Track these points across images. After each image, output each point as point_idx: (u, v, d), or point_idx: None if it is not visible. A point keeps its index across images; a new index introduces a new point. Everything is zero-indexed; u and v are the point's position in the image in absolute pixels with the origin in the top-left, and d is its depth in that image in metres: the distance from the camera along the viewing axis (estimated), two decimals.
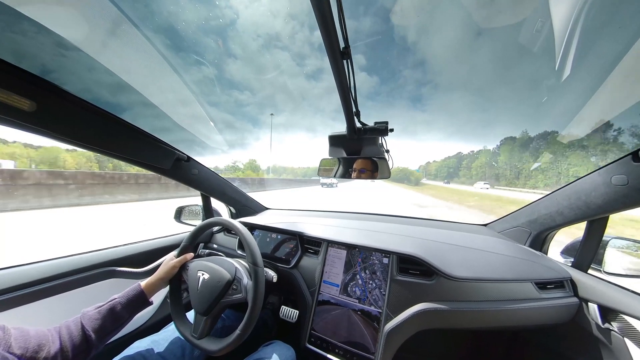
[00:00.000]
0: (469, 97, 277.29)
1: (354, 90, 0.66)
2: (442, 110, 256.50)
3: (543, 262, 0.97)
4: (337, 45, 0.51)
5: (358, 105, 0.70)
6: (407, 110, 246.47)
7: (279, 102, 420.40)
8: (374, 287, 0.96)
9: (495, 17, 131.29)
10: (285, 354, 0.91)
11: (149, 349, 0.81)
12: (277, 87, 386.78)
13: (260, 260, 0.83)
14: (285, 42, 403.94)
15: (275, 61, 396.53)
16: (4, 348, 0.49)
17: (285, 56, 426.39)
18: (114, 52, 1.16)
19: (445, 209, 13.10)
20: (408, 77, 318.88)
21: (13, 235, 4.69)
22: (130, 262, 1.11)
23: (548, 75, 66.67)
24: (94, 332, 0.65)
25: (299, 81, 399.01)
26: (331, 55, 0.53)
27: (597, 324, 0.82)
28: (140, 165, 1.01)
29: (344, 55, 0.53)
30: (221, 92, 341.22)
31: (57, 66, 1.08)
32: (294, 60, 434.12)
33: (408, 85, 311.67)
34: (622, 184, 0.71)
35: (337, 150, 0.93)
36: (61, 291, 0.90)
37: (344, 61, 0.55)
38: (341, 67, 0.57)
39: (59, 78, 0.67)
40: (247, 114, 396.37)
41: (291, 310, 1.04)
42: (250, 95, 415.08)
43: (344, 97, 0.66)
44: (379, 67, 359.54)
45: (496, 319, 0.88)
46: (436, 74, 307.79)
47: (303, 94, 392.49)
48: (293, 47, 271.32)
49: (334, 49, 0.51)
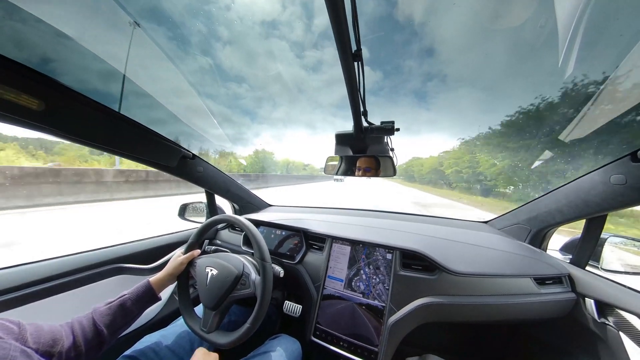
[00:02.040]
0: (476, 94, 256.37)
1: (363, 91, 0.67)
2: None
3: (542, 258, 0.99)
4: (349, 47, 0.52)
5: (366, 105, 0.71)
6: (411, 107, 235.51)
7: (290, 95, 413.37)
8: (378, 282, 0.99)
9: (508, 16, 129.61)
10: (292, 347, 0.93)
11: (159, 343, 0.83)
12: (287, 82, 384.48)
13: (268, 255, 0.85)
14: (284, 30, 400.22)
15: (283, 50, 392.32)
16: (21, 343, 0.51)
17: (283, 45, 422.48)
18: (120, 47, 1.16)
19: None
20: (413, 72, 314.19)
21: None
22: (138, 258, 1.13)
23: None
24: (105, 327, 0.66)
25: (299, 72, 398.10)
26: (343, 57, 0.54)
27: (593, 319, 0.85)
28: (146, 164, 1.02)
29: (355, 57, 0.54)
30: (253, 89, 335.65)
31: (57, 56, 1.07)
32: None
33: (413, 81, 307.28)
34: (621, 184, 0.72)
35: (344, 148, 0.95)
36: (71, 288, 0.91)
37: (354, 63, 0.56)
38: (352, 69, 0.58)
39: (58, 68, 0.67)
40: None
41: (295, 305, 1.06)
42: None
43: (353, 97, 0.67)
44: (383, 61, 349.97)
45: (496, 312, 0.91)
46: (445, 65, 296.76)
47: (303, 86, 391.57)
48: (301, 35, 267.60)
49: (346, 51, 0.52)
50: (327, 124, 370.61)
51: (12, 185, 5.87)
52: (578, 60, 1.70)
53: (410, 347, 1.31)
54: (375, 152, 0.90)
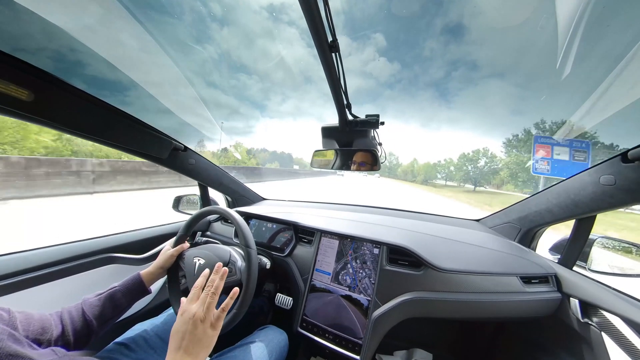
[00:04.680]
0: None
1: (344, 83, 0.67)
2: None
3: (530, 257, 0.99)
4: (325, 38, 0.51)
5: (349, 98, 0.71)
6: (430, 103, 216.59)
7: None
8: (364, 276, 0.99)
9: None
10: (278, 337, 0.95)
11: (149, 331, 0.86)
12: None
13: (252, 242, 0.86)
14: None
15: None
16: (10, 329, 0.52)
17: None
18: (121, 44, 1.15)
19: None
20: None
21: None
22: (129, 249, 1.14)
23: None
24: (94, 318, 0.68)
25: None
26: (320, 49, 0.53)
27: (577, 319, 0.85)
28: (136, 155, 1.02)
29: (332, 48, 0.53)
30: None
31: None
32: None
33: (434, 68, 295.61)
34: (610, 184, 0.71)
35: (330, 142, 0.95)
36: (62, 276, 0.93)
37: (332, 54, 0.55)
38: (330, 61, 0.57)
39: (48, 58, 0.66)
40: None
41: (286, 298, 1.08)
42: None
43: (335, 89, 0.66)
44: (400, 50, 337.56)
45: (481, 309, 0.91)
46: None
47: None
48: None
49: (322, 42, 0.51)
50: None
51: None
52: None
53: (398, 341, 1.33)
54: (362, 145, 0.90)
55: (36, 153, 9.36)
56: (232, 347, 0.87)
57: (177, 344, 0.54)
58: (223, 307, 0.63)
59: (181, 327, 0.56)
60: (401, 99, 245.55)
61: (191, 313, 0.58)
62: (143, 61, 12.67)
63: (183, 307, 0.60)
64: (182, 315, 0.58)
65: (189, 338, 0.54)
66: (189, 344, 0.54)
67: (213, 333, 0.59)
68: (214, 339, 0.59)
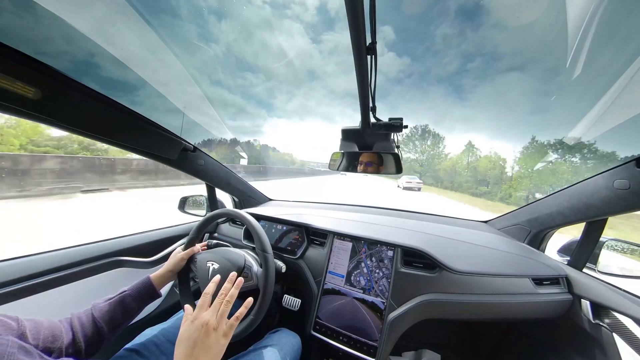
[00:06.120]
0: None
1: (374, 86, 0.66)
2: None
3: (540, 259, 1.01)
4: (364, 40, 0.50)
5: (375, 101, 0.70)
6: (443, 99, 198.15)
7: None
8: (378, 279, 0.99)
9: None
10: (292, 340, 0.94)
11: (160, 337, 0.84)
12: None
13: (269, 247, 0.85)
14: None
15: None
16: (20, 339, 0.49)
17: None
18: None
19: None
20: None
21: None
22: (138, 251, 1.12)
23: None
24: (105, 324, 0.66)
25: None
26: (356, 50, 0.52)
27: (588, 320, 0.87)
28: (146, 155, 0.99)
29: (369, 50, 0.52)
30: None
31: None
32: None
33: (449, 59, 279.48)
34: (624, 188, 0.73)
35: (349, 144, 0.94)
36: (70, 281, 0.90)
37: (368, 56, 0.54)
38: (364, 62, 0.56)
39: (55, 54, 0.64)
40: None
41: (294, 299, 1.07)
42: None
43: (363, 92, 0.65)
44: (411, 43, 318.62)
45: (494, 311, 0.92)
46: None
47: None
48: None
49: (360, 44, 0.50)
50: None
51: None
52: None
53: (407, 341, 1.34)
54: (381, 148, 0.90)
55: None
56: (245, 351, 0.86)
57: (187, 351, 0.52)
58: (237, 315, 0.62)
59: (192, 334, 0.54)
60: (411, 95, 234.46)
61: (203, 320, 0.56)
62: (149, 59, 12.24)
63: (194, 314, 0.59)
64: (192, 322, 0.57)
65: (200, 346, 0.53)
66: (200, 352, 0.52)
67: (224, 342, 0.58)
68: (224, 348, 0.58)
